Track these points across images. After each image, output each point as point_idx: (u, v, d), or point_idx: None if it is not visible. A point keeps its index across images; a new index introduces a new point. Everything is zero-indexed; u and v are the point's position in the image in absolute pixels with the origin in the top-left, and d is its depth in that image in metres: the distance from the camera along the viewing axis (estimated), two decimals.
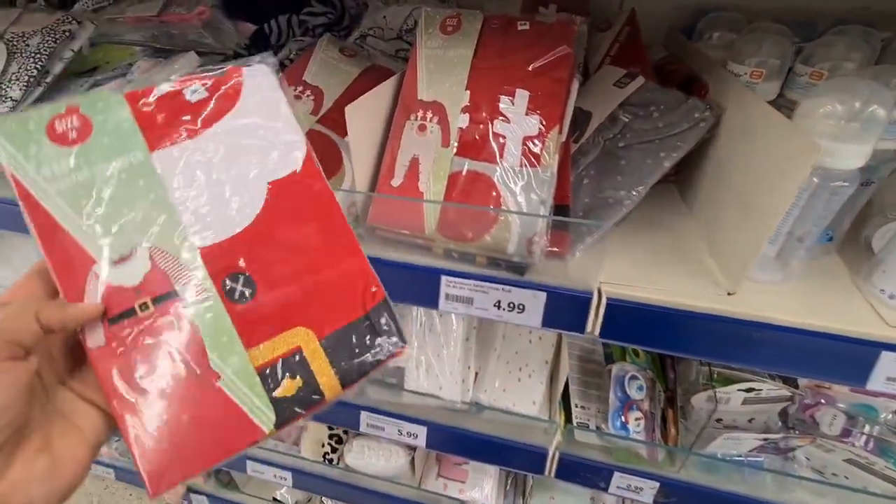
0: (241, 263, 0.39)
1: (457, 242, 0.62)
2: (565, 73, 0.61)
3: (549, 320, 0.64)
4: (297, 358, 0.38)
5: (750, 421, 0.82)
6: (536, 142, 0.60)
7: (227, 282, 0.38)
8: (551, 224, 0.60)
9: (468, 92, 0.62)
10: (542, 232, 0.60)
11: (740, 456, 0.81)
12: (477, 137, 0.62)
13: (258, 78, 0.43)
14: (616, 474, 0.84)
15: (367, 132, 0.65)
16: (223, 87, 0.42)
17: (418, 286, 0.67)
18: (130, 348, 0.36)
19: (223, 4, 0.94)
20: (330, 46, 0.79)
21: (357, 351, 0.39)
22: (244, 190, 0.41)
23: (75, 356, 0.37)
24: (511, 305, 0.64)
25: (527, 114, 0.61)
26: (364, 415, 0.95)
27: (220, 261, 0.39)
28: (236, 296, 0.38)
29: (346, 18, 0.98)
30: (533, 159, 0.60)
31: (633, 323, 0.61)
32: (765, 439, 0.78)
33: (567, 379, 0.86)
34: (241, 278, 0.39)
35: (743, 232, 0.60)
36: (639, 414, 0.82)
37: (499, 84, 0.61)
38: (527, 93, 0.61)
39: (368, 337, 0.40)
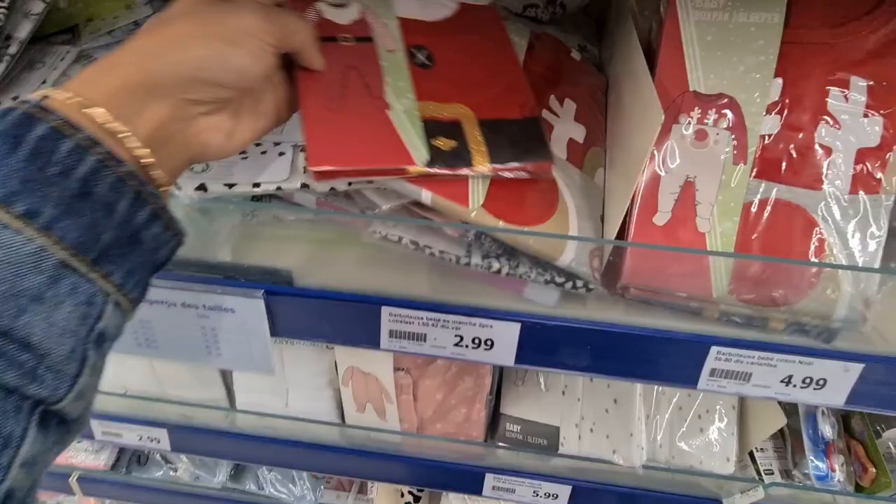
0: (427, 43, 0.44)
1: (758, 308, 0.43)
2: None
3: (858, 397, 0.47)
4: (457, 126, 0.41)
5: None
6: (875, 157, 0.41)
7: (413, 50, 0.44)
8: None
9: (779, 81, 0.41)
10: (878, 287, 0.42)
11: None
12: (791, 151, 0.42)
13: None
14: None
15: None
16: None
17: (669, 359, 0.47)
18: (339, 63, 0.40)
19: None
20: None
21: (509, 142, 0.41)
22: None
23: None
24: (806, 381, 0.47)
25: (865, 115, 0.41)
26: (490, 477, 0.77)
27: (412, 32, 0.44)
28: (418, 61, 0.43)
29: None
30: (871, 182, 0.42)
31: None
32: None
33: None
34: (425, 52, 0.44)
35: None
36: (842, 459, 0.70)
37: (827, 69, 0.41)
38: (864, 82, 0.41)
39: (522, 136, 0.42)
